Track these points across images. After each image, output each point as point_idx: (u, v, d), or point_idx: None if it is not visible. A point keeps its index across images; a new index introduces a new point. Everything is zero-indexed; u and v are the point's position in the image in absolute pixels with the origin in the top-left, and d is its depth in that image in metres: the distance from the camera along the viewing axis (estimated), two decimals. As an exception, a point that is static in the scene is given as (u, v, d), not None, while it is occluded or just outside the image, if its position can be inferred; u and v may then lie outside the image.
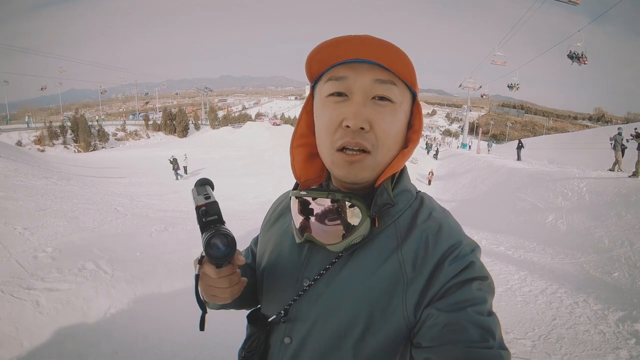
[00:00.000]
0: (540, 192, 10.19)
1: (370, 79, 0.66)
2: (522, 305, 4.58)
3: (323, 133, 0.70)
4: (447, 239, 0.67)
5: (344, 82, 0.68)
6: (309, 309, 0.72)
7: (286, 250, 0.81)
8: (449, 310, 0.60)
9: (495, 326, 0.60)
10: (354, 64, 0.67)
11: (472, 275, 0.63)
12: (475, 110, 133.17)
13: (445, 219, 0.71)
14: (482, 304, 0.61)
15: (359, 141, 0.65)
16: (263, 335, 0.81)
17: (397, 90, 0.68)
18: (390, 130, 0.67)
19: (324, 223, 0.71)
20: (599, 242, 6.75)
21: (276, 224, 0.90)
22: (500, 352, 0.57)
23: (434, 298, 0.63)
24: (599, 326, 4.12)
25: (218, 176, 17.07)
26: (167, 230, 6.48)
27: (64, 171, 13.82)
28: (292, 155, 0.80)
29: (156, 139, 51.44)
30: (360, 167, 0.67)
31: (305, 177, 0.81)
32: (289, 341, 0.75)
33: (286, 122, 64.09)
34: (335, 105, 0.68)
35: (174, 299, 3.98)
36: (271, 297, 0.82)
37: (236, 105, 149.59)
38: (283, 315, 0.75)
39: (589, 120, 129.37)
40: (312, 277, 0.73)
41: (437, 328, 0.60)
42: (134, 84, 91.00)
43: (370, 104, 0.66)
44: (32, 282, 3.85)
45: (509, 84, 36.15)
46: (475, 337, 0.57)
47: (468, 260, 0.64)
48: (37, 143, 39.52)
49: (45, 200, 7.39)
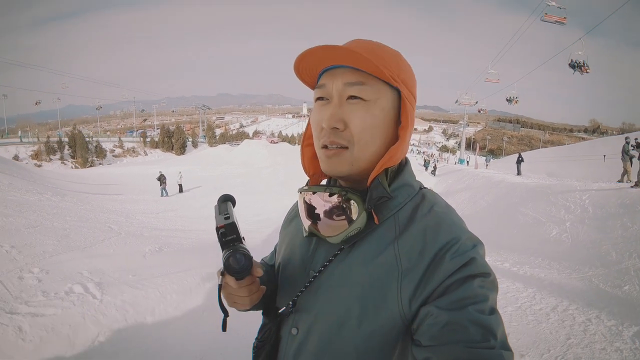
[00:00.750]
0: (542, 206, 10.03)
1: (342, 82, 0.71)
2: (535, 325, 4.38)
3: (314, 133, 0.77)
4: (446, 233, 0.66)
5: (324, 88, 0.74)
6: (313, 300, 0.75)
7: (297, 245, 0.86)
8: (450, 308, 0.60)
9: (497, 325, 0.59)
10: (331, 70, 0.74)
11: (474, 272, 0.62)
12: (472, 125, 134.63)
13: (448, 214, 0.72)
14: (484, 302, 0.60)
15: (333, 139, 0.71)
16: (275, 327, 0.84)
17: (368, 88, 0.71)
18: (364, 126, 0.70)
19: (331, 219, 0.74)
20: (606, 255, 6.57)
21: (292, 223, 0.95)
22: (502, 353, 0.57)
23: (433, 294, 0.63)
24: (615, 343, 3.92)
25: (215, 194, 16.94)
26: (162, 250, 6.27)
27: (60, 187, 13.64)
28: (301, 153, 0.88)
29: (154, 156, 51.46)
30: (337, 161, 0.72)
31: (313, 171, 0.87)
32: (296, 332, 0.78)
33: (283, 140, 64.37)
34: (320, 109, 0.75)
35: (167, 326, 3.77)
36: (283, 290, 0.86)
37: (234, 123, 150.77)
38: (292, 307, 0.79)
39: (584, 132, 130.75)
40: (317, 269, 0.77)
41: (438, 327, 0.59)
42: (132, 100, 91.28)
43: (346, 104, 0.71)
44: (15, 305, 3.61)
45: (507, 97, 36.11)
46: (476, 336, 0.57)
47: (469, 256, 0.63)
48: (34, 158, 39.38)
49: (37, 217, 7.17)
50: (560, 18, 26.84)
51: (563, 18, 26.79)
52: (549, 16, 26.80)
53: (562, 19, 26.85)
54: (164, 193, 17.44)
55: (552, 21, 27.27)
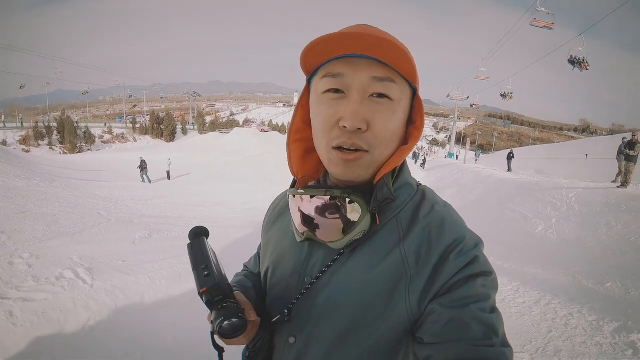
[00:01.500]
0: (529, 202, 10.17)
1: (368, 76, 0.63)
2: (517, 317, 4.50)
3: (320, 131, 0.68)
4: (450, 233, 0.66)
5: (340, 79, 0.65)
6: (312, 307, 0.71)
7: (287, 249, 0.80)
8: (453, 306, 0.60)
9: (499, 323, 0.60)
10: (350, 59, 0.64)
11: (477, 271, 0.62)
12: (463, 120, 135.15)
13: (448, 213, 0.70)
14: (486, 300, 0.61)
15: (355, 142, 0.64)
16: (268, 336, 0.79)
17: (396, 87, 0.65)
18: (388, 129, 0.66)
19: (324, 216, 0.69)
20: (591, 252, 6.73)
21: (276, 224, 0.89)
22: (504, 350, 0.57)
23: (438, 293, 0.62)
24: (595, 338, 4.05)
25: (205, 181, 16.89)
26: (152, 237, 6.27)
27: (48, 172, 13.49)
28: (289, 151, 0.78)
29: (143, 142, 50.74)
30: (356, 165, 0.66)
31: (303, 173, 0.79)
32: (294, 340, 0.74)
33: (274, 129, 64.05)
34: (331, 103, 0.66)
35: (157, 311, 3.79)
36: (274, 297, 0.81)
37: (224, 111, 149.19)
38: (287, 315, 0.74)
39: (574, 131, 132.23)
40: (314, 275, 0.72)
41: (440, 324, 0.59)
42: (122, 86, 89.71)
43: (368, 102, 0.64)
44: (6, 290, 3.62)
45: (502, 92, 35.71)
46: (478, 334, 0.57)
47: (473, 255, 0.63)
48: (22, 143, 38.59)
49: (26, 203, 7.12)
50: (548, 23, 27.64)
51: (551, 24, 27.57)
52: (538, 21, 27.74)
53: (550, 24, 27.65)
54: (145, 179, 17.11)
55: (540, 26, 28.05)
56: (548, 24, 27.60)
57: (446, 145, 73.52)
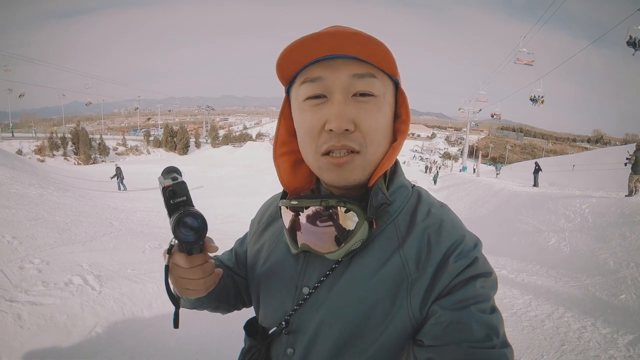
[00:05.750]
0: (541, 214, 10.02)
1: (348, 74, 0.62)
2: (529, 331, 4.39)
3: (306, 139, 0.66)
4: (449, 235, 0.65)
5: (320, 82, 0.63)
6: (311, 317, 0.70)
7: (280, 259, 0.78)
8: (453, 308, 0.59)
9: (499, 323, 0.60)
10: (327, 61, 0.62)
11: (476, 272, 0.62)
12: (475, 133, 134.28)
13: (446, 215, 0.70)
14: (486, 301, 0.61)
15: (345, 143, 0.62)
16: (264, 348, 0.77)
17: (377, 82, 0.63)
18: (377, 127, 0.64)
19: (315, 225, 0.67)
20: (604, 264, 6.56)
21: (266, 232, 0.86)
22: (504, 351, 0.57)
23: (439, 295, 0.61)
24: (609, 351, 3.93)
25: (217, 195, 16.98)
26: (162, 247, 6.29)
27: (62, 182, 13.70)
28: (276, 165, 0.76)
29: (157, 155, 51.55)
30: (350, 168, 0.64)
31: (294, 186, 0.77)
32: (292, 352, 0.72)
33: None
34: (314, 109, 0.64)
35: (164, 320, 3.79)
36: (269, 308, 0.79)
37: (237, 125, 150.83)
38: (285, 327, 0.72)
39: (587, 142, 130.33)
40: (312, 284, 0.71)
41: (441, 327, 0.59)
42: (136, 99, 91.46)
43: (352, 101, 0.62)
44: (15, 294, 3.66)
45: (531, 96, 32.67)
46: (479, 336, 0.57)
47: (472, 256, 0.63)
48: (37, 153, 39.52)
49: (39, 210, 7.23)
50: (529, 61, 32.80)
51: (531, 61, 32.76)
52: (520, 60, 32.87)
53: (530, 62, 32.85)
54: (121, 187, 16.57)
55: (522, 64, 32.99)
56: (529, 61, 32.85)
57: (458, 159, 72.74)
